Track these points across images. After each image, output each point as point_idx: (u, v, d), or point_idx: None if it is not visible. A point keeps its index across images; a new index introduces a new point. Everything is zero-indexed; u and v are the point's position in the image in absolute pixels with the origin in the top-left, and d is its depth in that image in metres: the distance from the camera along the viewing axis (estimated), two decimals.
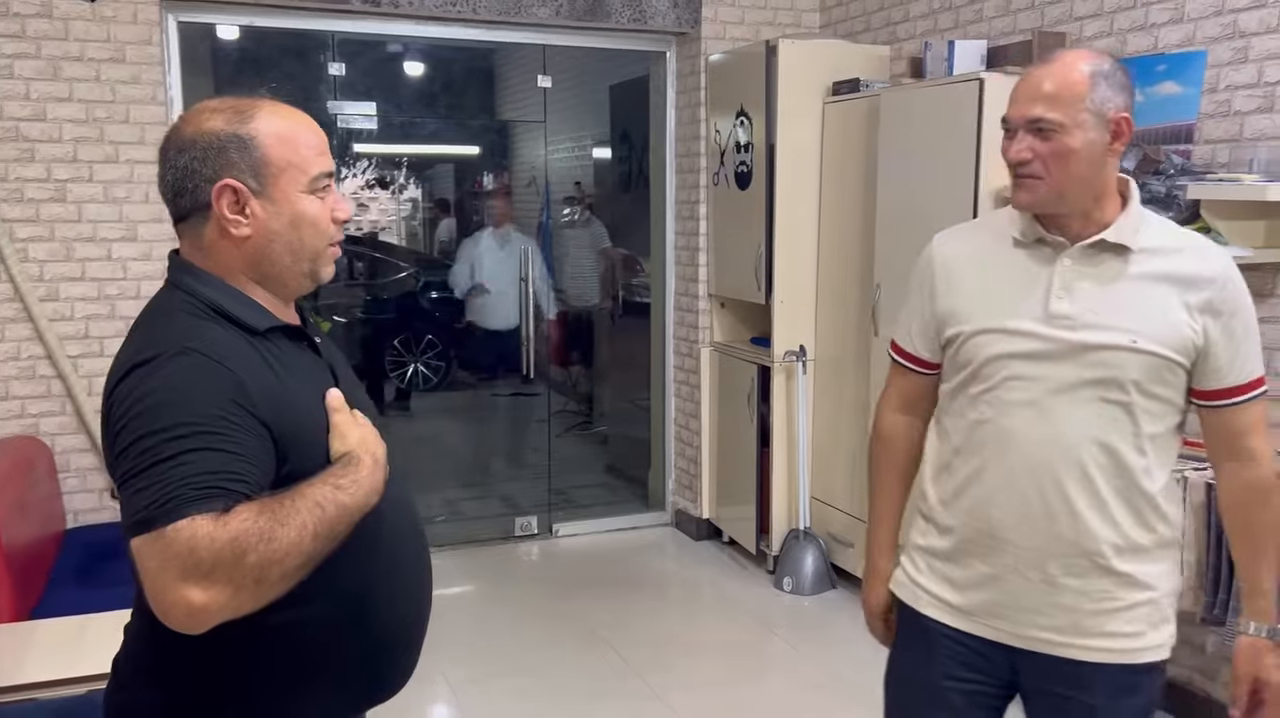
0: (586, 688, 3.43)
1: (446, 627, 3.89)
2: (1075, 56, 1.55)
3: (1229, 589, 2.53)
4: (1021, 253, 1.63)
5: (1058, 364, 1.58)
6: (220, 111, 1.29)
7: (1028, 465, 1.60)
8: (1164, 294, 1.56)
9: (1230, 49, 2.96)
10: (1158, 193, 2.89)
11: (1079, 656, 1.62)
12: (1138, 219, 1.59)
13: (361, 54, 5.53)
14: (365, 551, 1.32)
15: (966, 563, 1.68)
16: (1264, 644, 1.63)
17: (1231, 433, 1.62)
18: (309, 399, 1.30)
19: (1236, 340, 1.57)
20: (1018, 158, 1.56)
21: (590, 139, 6.76)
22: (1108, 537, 1.58)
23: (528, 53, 5.43)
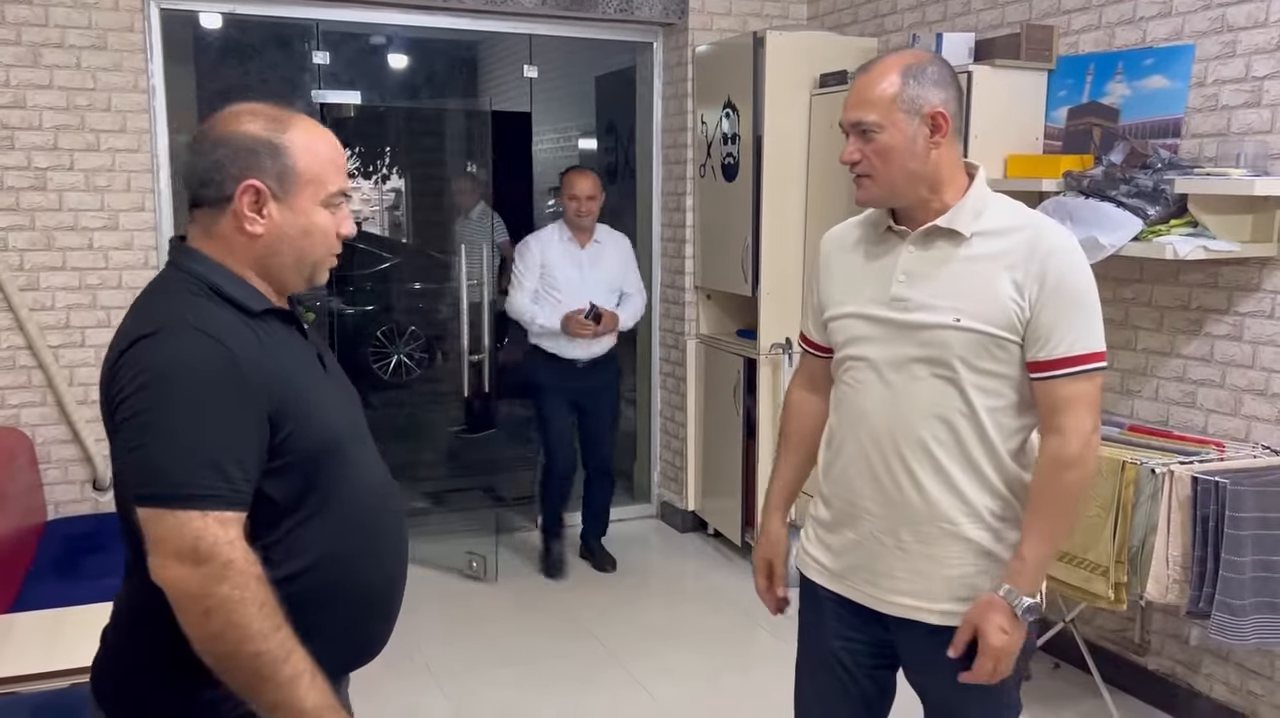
0: (571, 677, 3.42)
1: (433, 616, 3.88)
2: (891, 60, 1.67)
3: (1214, 584, 2.55)
4: (878, 242, 1.77)
5: (896, 345, 1.70)
6: (260, 116, 1.39)
7: (875, 439, 1.73)
8: (993, 273, 1.64)
9: (1218, 43, 2.96)
10: (1145, 187, 2.90)
11: (935, 620, 1.72)
12: (977, 204, 1.68)
13: (345, 43, 5.50)
14: (353, 516, 1.44)
15: (839, 531, 1.82)
16: (998, 602, 1.66)
17: (1049, 407, 1.66)
18: (300, 376, 1.41)
19: (1058, 312, 1.62)
20: (847, 159, 1.70)
21: (576, 130, 6.74)
22: (953, 505, 1.69)
23: (513, 43, 5.40)
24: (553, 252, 4.20)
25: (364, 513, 1.46)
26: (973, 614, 1.68)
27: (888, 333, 1.71)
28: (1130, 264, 3.16)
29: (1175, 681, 3.19)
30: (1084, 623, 3.37)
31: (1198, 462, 2.70)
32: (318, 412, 1.39)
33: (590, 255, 4.24)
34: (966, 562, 1.71)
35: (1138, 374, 3.26)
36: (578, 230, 4.21)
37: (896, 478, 1.71)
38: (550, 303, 4.18)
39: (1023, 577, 1.67)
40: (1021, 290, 1.62)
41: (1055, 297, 1.62)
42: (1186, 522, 2.62)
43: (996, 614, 1.66)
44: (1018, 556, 1.68)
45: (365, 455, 1.49)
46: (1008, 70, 3.40)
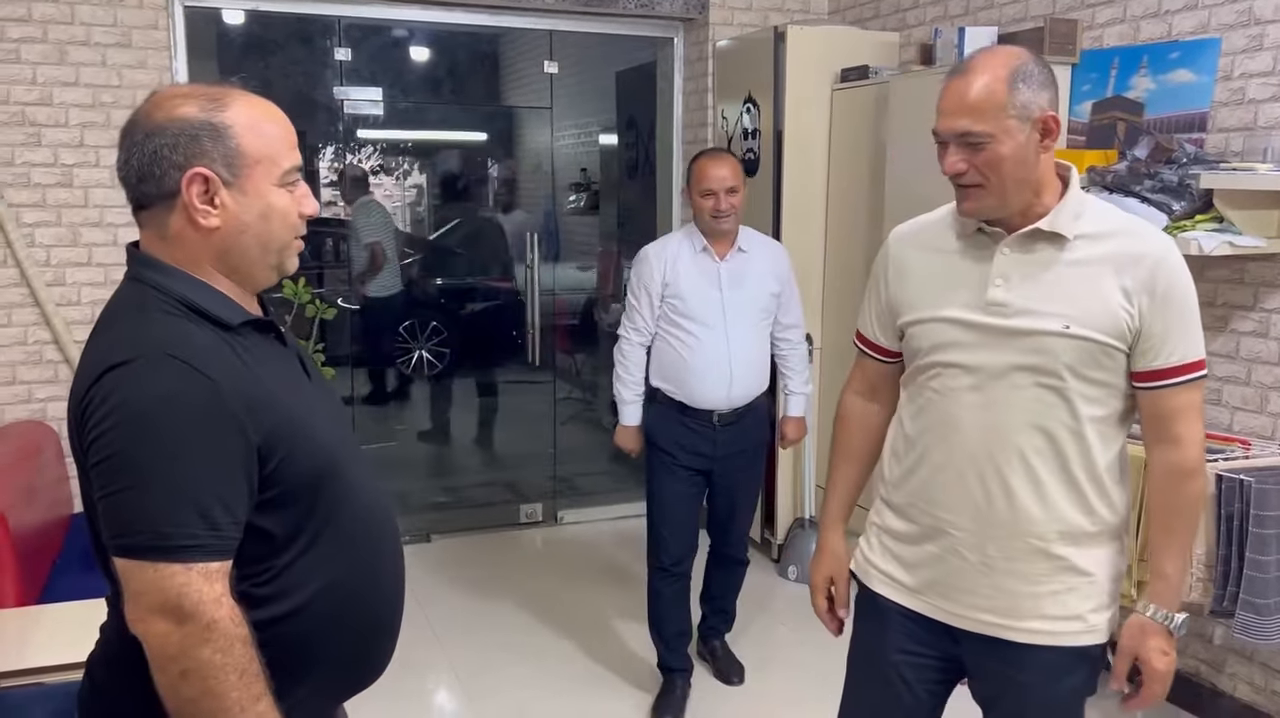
0: (591, 674, 3.43)
1: (452, 613, 3.89)
2: (993, 61, 1.57)
3: (1238, 582, 2.52)
4: (965, 243, 1.69)
5: (994, 351, 1.62)
6: (192, 98, 1.25)
7: (967, 450, 1.65)
8: (1099, 278, 1.58)
9: (1245, 36, 2.93)
10: (1170, 182, 2.87)
11: (1015, 637, 1.66)
12: (1076, 206, 1.61)
13: (367, 39, 5.51)
14: (350, 544, 1.34)
15: (914, 543, 1.75)
16: (1152, 626, 1.63)
17: (1160, 416, 1.62)
18: (287, 395, 1.29)
19: (1169, 321, 1.57)
20: (953, 170, 1.60)
21: (597, 125, 6.74)
22: (1045, 521, 1.62)
23: (534, 38, 5.40)
24: (683, 265, 3.04)
25: (363, 534, 1.36)
26: (1128, 642, 1.65)
27: (984, 339, 1.63)
28: None
29: (1199, 680, 3.16)
30: None
31: (1222, 459, 2.68)
32: (309, 434, 1.29)
33: (731, 271, 3.05)
34: (1057, 579, 1.64)
35: None
36: (715, 237, 3.04)
37: (989, 490, 1.64)
38: (675, 341, 3.05)
39: (1168, 594, 1.64)
40: (1131, 298, 1.57)
41: (1166, 305, 1.57)
42: (1211, 520, 2.59)
43: (1154, 638, 1.63)
44: (1158, 574, 1.65)
45: (358, 472, 1.38)
46: None
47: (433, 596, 3.99)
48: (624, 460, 5.24)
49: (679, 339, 3.03)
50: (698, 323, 3.01)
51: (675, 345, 3.04)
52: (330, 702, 1.43)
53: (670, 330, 3.05)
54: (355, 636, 1.37)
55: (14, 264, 3.71)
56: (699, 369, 3.02)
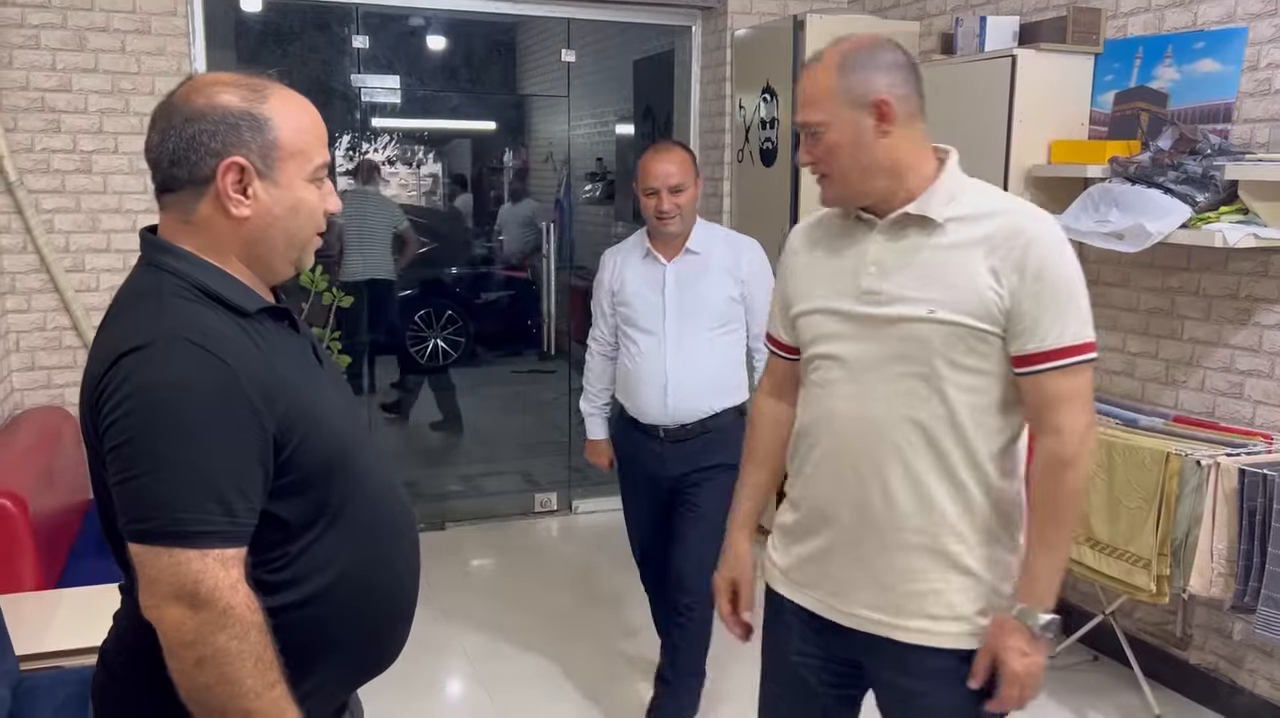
0: (605, 663, 3.44)
1: (468, 600, 3.90)
2: (827, 53, 1.57)
3: (1260, 578, 2.50)
4: (846, 233, 1.66)
5: (868, 342, 1.59)
6: (233, 87, 1.26)
7: (845, 444, 1.61)
8: (969, 260, 1.53)
9: (1273, 25, 2.89)
10: (1194, 173, 2.84)
11: (900, 637, 1.60)
12: (951, 189, 1.57)
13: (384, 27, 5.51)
14: (364, 531, 1.34)
15: (805, 538, 1.70)
16: (1012, 624, 1.55)
17: (1038, 404, 1.54)
18: (301, 382, 1.29)
19: (1042, 301, 1.50)
20: (801, 162, 1.62)
21: (613, 115, 6.72)
22: (922, 516, 1.56)
23: (550, 26, 5.39)
24: (629, 271, 2.86)
25: (376, 522, 1.36)
26: (989, 639, 1.56)
27: (859, 329, 1.60)
28: (1177, 252, 3.10)
29: (1218, 676, 3.14)
30: (1124, 616, 3.33)
31: (1245, 453, 2.65)
32: (323, 421, 1.28)
33: (679, 274, 2.79)
34: (940, 578, 1.58)
35: (1183, 364, 3.20)
36: (659, 239, 2.82)
37: (865, 484, 1.59)
38: (624, 352, 2.89)
39: (1034, 592, 1.55)
40: (1000, 277, 1.50)
41: (1037, 284, 1.50)
42: (1232, 515, 2.57)
43: (1012, 637, 1.54)
44: (1026, 571, 1.57)
45: (371, 460, 1.38)
46: (1053, 54, 3.34)
47: (446, 584, 4.00)
48: None
49: (626, 349, 2.87)
50: (641, 330, 2.81)
51: (624, 355, 2.88)
52: (344, 688, 1.42)
53: (623, 340, 2.88)
54: (369, 623, 1.37)
55: (33, 250, 3.73)
56: (639, 380, 2.81)
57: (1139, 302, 3.33)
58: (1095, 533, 2.89)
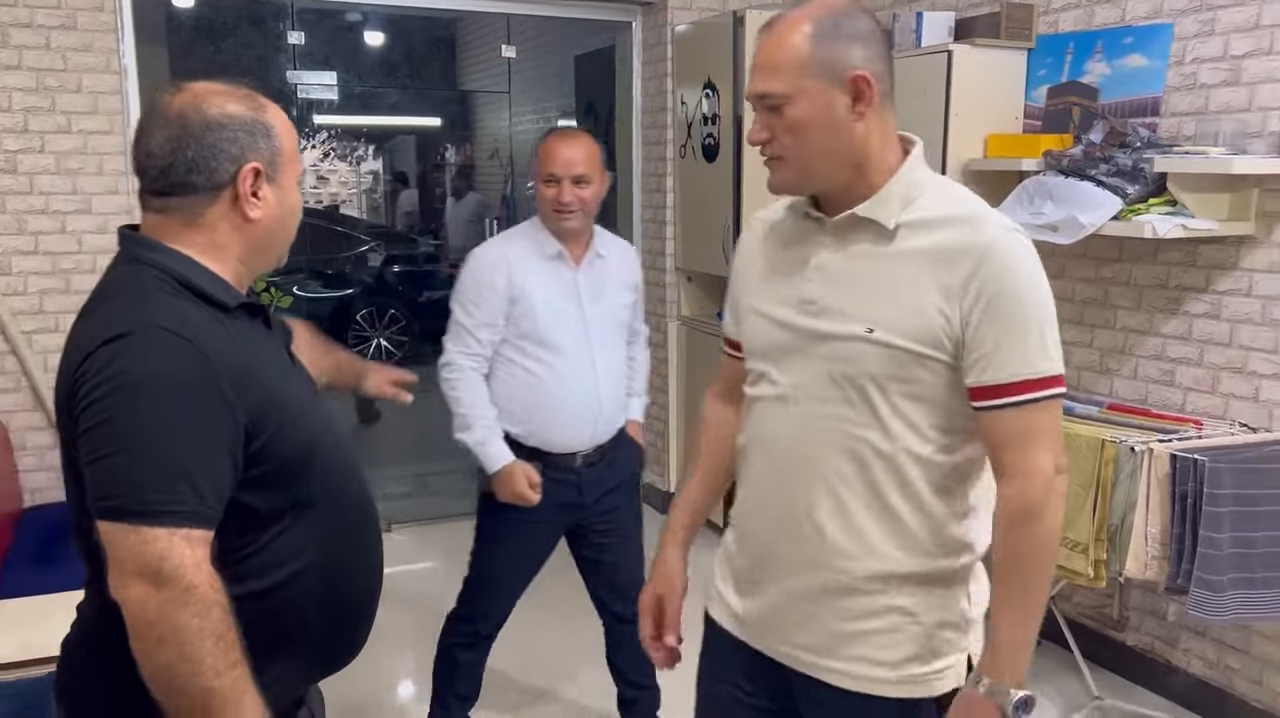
0: (549, 662, 3.43)
1: (412, 602, 3.86)
2: (796, 14, 1.35)
3: (1192, 560, 2.57)
4: (798, 229, 1.47)
5: (803, 358, 1.41)
6: (234, 97, 1.34)
7: (778, 472, 1.45)
8: (917, 275, 1.33)
9: (1197, 22, 2.96)
10: (1124, 166, 2.91)
11: (833, 680, 1.45)
12: (908, 189, 1.38)
13: (320, 23, 5.43)
14: (332, 527, 1.39)
15: (743, 568, 1.55)
16: (979, 702, 1.35)
17: (997, 442, 1.35)
18: (274, 377, 1.34)
19: (999, 328, 1.30)
20: (754, 139, 1.39)
21: (556, 111, 6.69)
22: (855, 555, 1.40)
23: (491, 21, 5.35)
24: (533, 276, 2.44)
25: (345, 516, 1.41)
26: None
27: (794, 341, 1.42)
28: (1110, 243, 3.18)
29: (1153, 656, 3.23)
30: (1063, 600, 3.40)
31: (1176, 439, 2.72)
32: (295, 416, 1.33)
33: (590, 281, 2.52)
34: (876, 619, 1.41)
35: (1117, 353, 3.28)
36: (565, 239, 2.48)
37: (796, 516, 1.43)
38: (523, 372, 2.47)
39: (1000, 665, 1.34)
40: (951, 299, 1.31)
41: (994, 307, 1.30)
42: (1165, 499, 2.64)
43: (979, 714, 1.34)
44: (992, 644, 1.36)
45: (341, 458, 1.42)
46: (988, 49, 3.39)
47: (393, 587, 3.92)
48: None
49: (528, 369, 2.45)
50: (552, 348, 2.45)
51: (523, 377, 2.46)
52: (305, 679, 1.46)
53: (515, 358, 2.46)
54: (333, 616, 1.40)
55: None
56: (558, 404, 2.46)
57: (1074, 292, 3.40)
58: None
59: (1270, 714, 2.90)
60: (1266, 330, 2.85)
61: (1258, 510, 2.56)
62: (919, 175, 1.41)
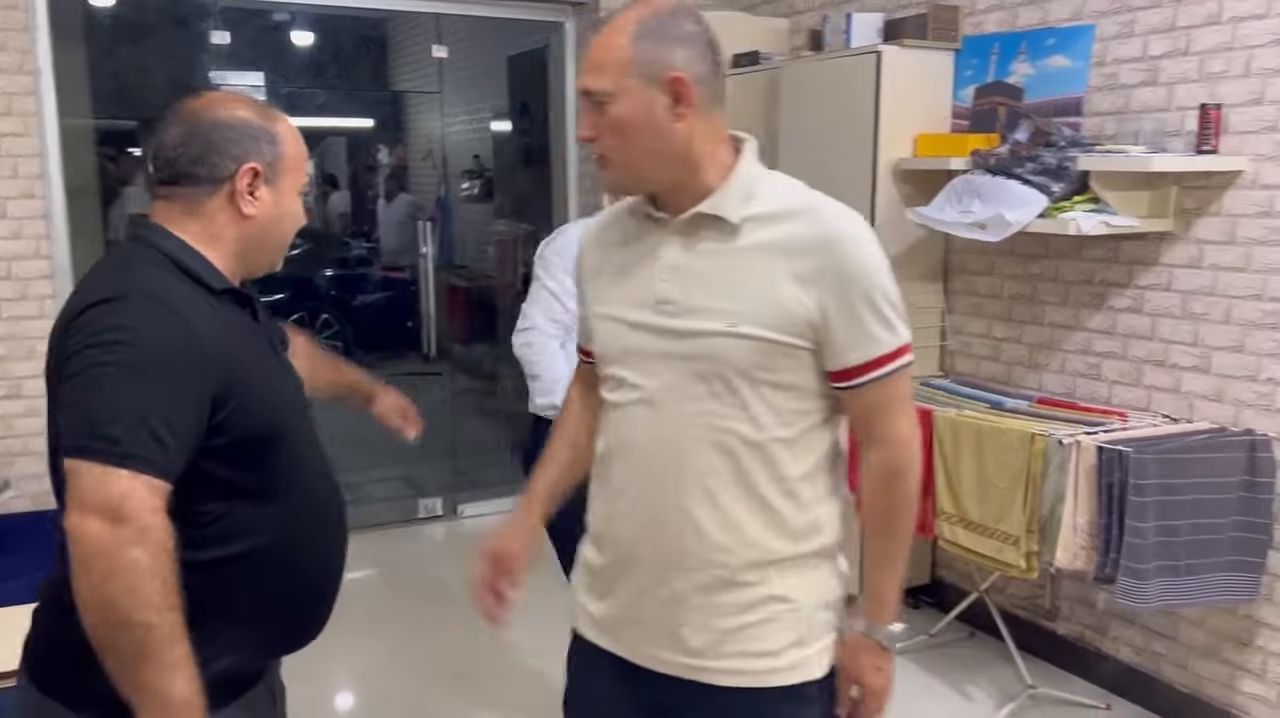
0: (494, 671, 3.39)
1: (348, 613, 3.79)
2: (625, 13, 1.38)
3: (1119, 549, 2.63)
4: (642, 231, 1.48)
5: (665, 358, 1.42)
6: (248, 106, 1.47)
7: (644, 473, 1.45)
8: (770, 267, 1.38)
9: (1116, 23, 3.03)
10: (1049, 164, 2.96)
11: (717, 679, 1.46)
12: (746, 185, 1.42)
13: (246, 22, 5.31)
14: (296, 509, 1.47)
15: (611, 579, 1.53)
16: (863, 643, 1.49)
17: (863, 416, 1.44)
18: (251, 358, 1.44)
19: (854, 310, 1.37)
20: (581, 136, 1.41)
21: (489, 112, 6.64)
22: (732, 548, 1.42)
23: (421, 21, 5.29)
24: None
25: (311, 502, 1.50)
26: (845, 664, 1.49)
27: (654, 343, 1.43)
28: (1036, 240, 3.23)
29: (1084, 644, 3.29)
30: (997, 592, 3.45)
31: (1102, 432, 2.78)
32: (263, 397, 1.42)
33: None
34: (756, 611, 1.44)
35: (1045, 348, 3.34)
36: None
37: (669, 517, 1.43)
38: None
39: (882, 610, 1.50)
40: (806, 286, 1.36)
41: (846, 291, 1.37)
42: (1092, 490, 2.69)
43: (868, 656, 1.49)
44: (870, 593, 1.50)
45: (311, 445, 1.53)
46: (916, 50, 3.44)
47: None
48: None
49: None
50: None
51: None
52: (260, 653, 1.50)
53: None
54: (288, 596, 1.47)
55: None
56: None
57: (1003, 289, 3.46)
58: (968, 513, 2.99)
59: (1195, 698, 2.98)
60: (1186, 324, 2.92)
61: (1181, 499, 2.63)
62: (754, 171, 1.45)
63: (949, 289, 3.66)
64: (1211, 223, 2.84)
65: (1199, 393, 2.91)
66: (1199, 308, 2.89)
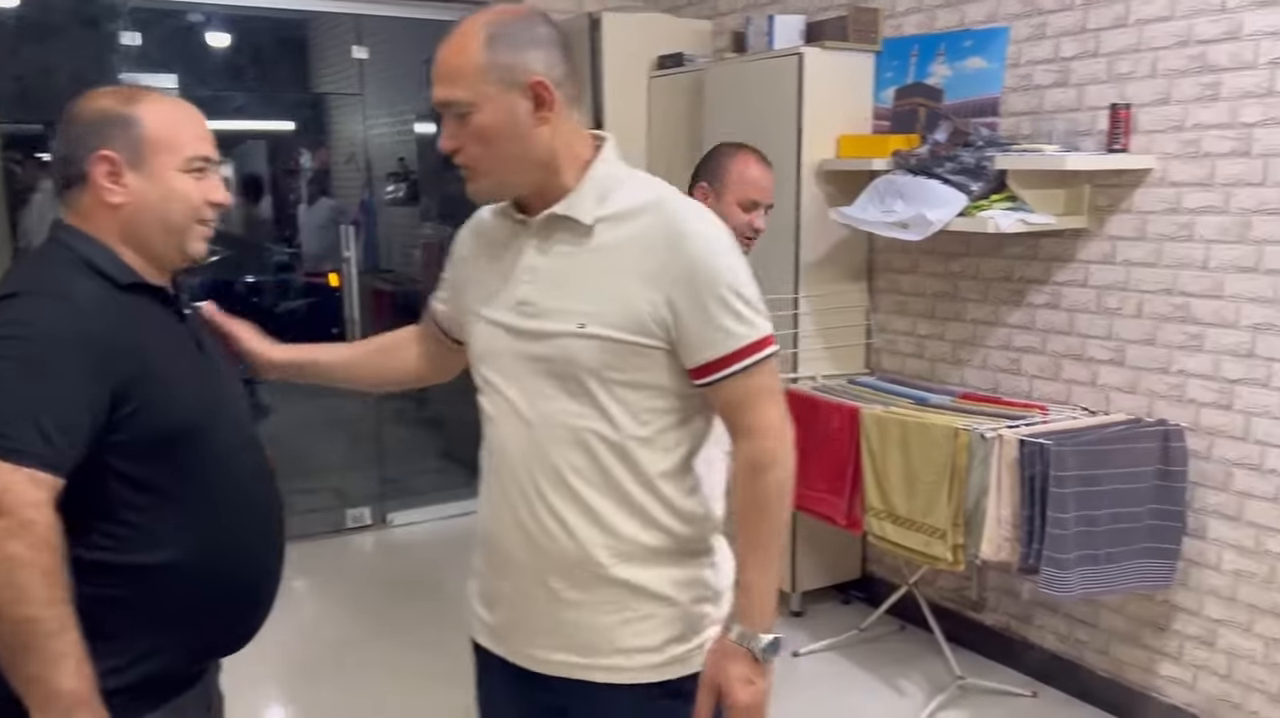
0: (424, 681, 3.34)
1: (275, 626, 3.71)
2: (473, 20, 1.36)
3: (1041, 540, 2.68)
4: (509, 233, 1.49)
5: (523, 359, 1.43)
6: (110, 95, 1.45)
7: (513, 475, 1.45)
8: (621, 266, 1.38)
9: (1029, 25, 3.10)
10: (968, 164, 3.02)
11: (597, 677, 1.46)
12: (601, 185, 1.42)
13: (158, 22, 5.17)
14: (222, 505, 1.45)
15: (495, 583, 1.53)
16: (733, 650, 1.42)
17: (727, 410, 1.44)
18: (163, 355, 1.41)
19: (709, 306, 1.37)
20: (445, 148, 1.39)
21: (412, 114, 6.55)
22: (601, 546, 1.42)
23: (341, 22, 5.20)
24: None
25: (234, 503, 1.48)
26: (709, 670, 1.44)
27: (513, 343, 1.44)
28: (957, 239, 3.29)
29: (1010, 634, 3.36)
30: (926, 585, 3.51)
31: (1024, 425, 2.84)
32: (176, 393, 1.40)
33: None
34: (630, 607, 1.44)
35: (967, 344, 3.40)
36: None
37: (540, 519, 1.43)
38: None
39: (752, 612, 1.42)
40: (653, 284, 1.36)
41: (695, 287, 1.36)
42: (1015, 483, 2.74)
43: (736, 665, 1.41)
44: (741, 589, 1.44)
45: (238, 443, 1.51)
46: (837, 52, 3.48)
47: None
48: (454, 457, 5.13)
49: None
50: None
51: None
52: (187, 660, 1.48)
53: None
54: (216, 600, 1.46)
55: None
56: None
57: (925, 287, 3.52)
58: (896, 508, 3.03)
59: (1116, 682, 3.06)
60: (1101, 319, 3.00)
61: (1100, 490, 2.69)
62: (612, 170, 1.44)
63: (873, 288, 3.71)
64: (1124, 220, 2.92)
65: (1115, 385, 2.99)
66: (1113, 303, 2.97)
